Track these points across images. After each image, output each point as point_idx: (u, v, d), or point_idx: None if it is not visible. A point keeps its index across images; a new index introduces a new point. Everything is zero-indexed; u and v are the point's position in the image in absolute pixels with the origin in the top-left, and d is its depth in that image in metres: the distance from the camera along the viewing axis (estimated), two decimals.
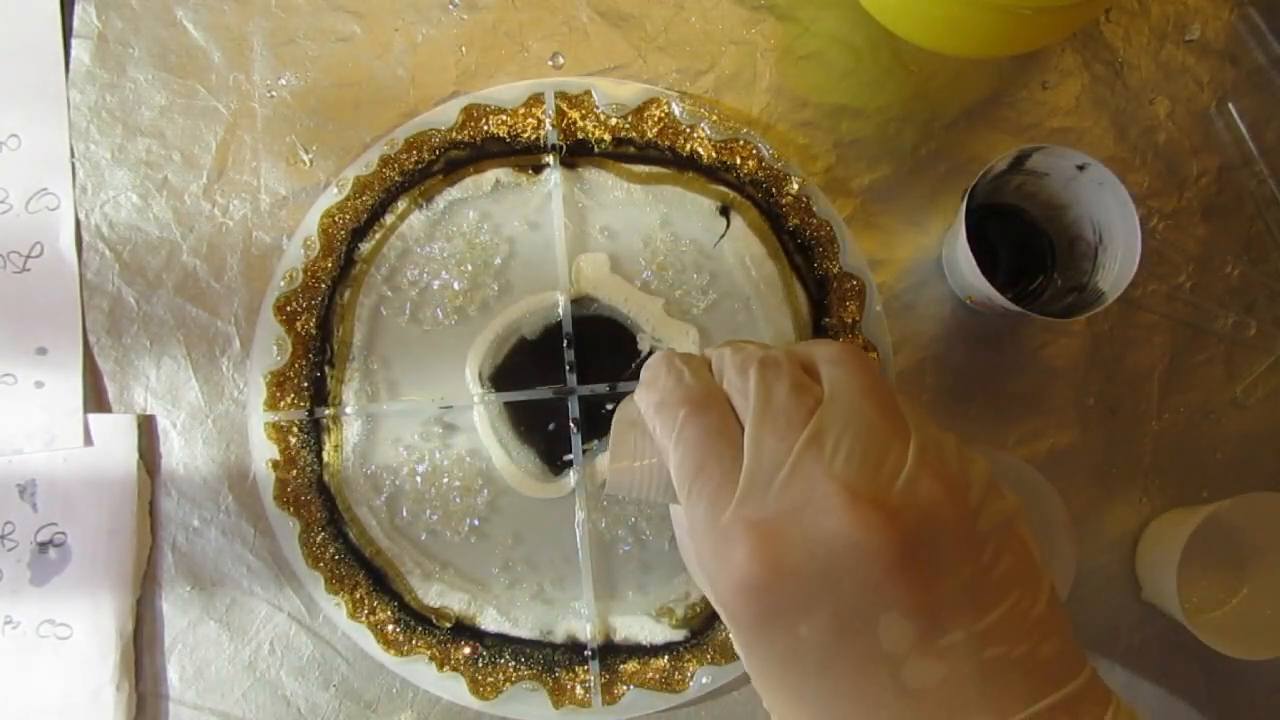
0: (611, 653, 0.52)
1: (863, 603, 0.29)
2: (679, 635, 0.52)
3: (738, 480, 0.31)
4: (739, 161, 0.53)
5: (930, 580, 0.29)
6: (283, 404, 0.52)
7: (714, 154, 0.53)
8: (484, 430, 0.52)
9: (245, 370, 0.53)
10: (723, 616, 0.32)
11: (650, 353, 0.53)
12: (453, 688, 0.51)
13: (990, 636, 0.29)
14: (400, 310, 0.53)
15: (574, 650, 0.52)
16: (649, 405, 0.35)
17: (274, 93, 0.54)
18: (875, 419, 0.31)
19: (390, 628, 0.51)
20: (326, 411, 0.52)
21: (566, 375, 0.52)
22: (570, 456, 0.52)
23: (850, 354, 0.34)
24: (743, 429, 0.32)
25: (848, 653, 0.29)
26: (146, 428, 0.53)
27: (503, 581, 0.53)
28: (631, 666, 0.52)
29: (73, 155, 0.53)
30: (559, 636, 0.52)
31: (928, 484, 0.30)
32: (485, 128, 0.53)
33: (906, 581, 0.29)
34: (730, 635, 0.32)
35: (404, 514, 0.53)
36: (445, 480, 0.52)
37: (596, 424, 0.53)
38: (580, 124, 0.53)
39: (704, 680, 0.51)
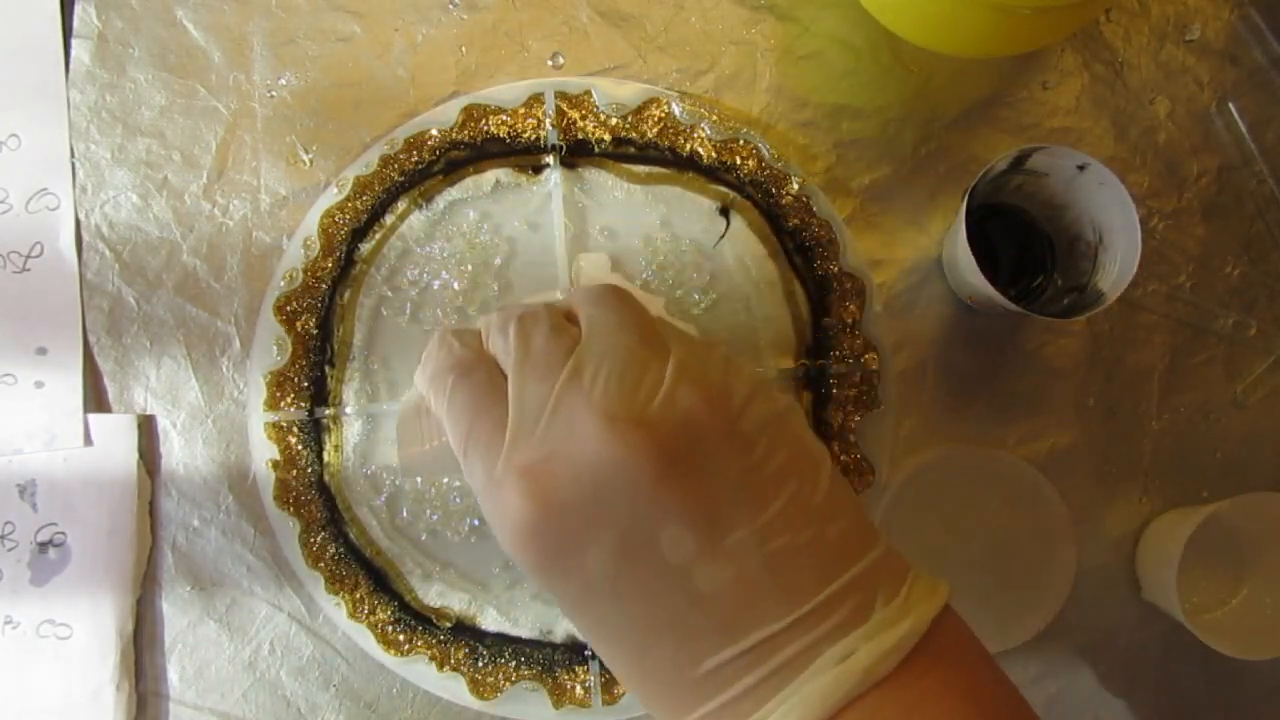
0: None
1: (639, 520, 0.30)
2: None
3: (504, 435, 0.32)
4: (739, 161, 0.53)
5: (700, 484, 0.30)
6: (283, 404, 0.52)
7: (714, 154, 0.53)
8: None
9: (245, 370, 0.53)
10: (518, 565, 0.32)
11: None
12: (453, 688, 0.51)
13: (772, 529, 0.30)
14: (400, 310, 0.53)
15: (574, 650, 0.52)
16: (424, 380, 0.36)
17: (274, 93, 0.54)
18: (632, 346, 0.32)
19: (390, 628, 0.51)
20: (327, 411, 0.52)
21: None
22: None
23: (606, 291, 0.35)
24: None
25: (636, 572, 0.30)
26: (146, 428, 0.53)
27: (503, 581, 0.53)
28: None
29: (73, 155, 0.53)
30: (559, 636, 0.52)
31: (685, 395, 0.31)
32: (485, 128, 0.53)
33: (676, 489, 0.30)
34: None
35: (404, 514, 0.53)
36: (445, 480, 0.52)
37: None
38: (580, 124, 0.53)
39: None
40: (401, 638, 0.51)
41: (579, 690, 0.52)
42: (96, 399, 0.53)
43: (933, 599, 0.30)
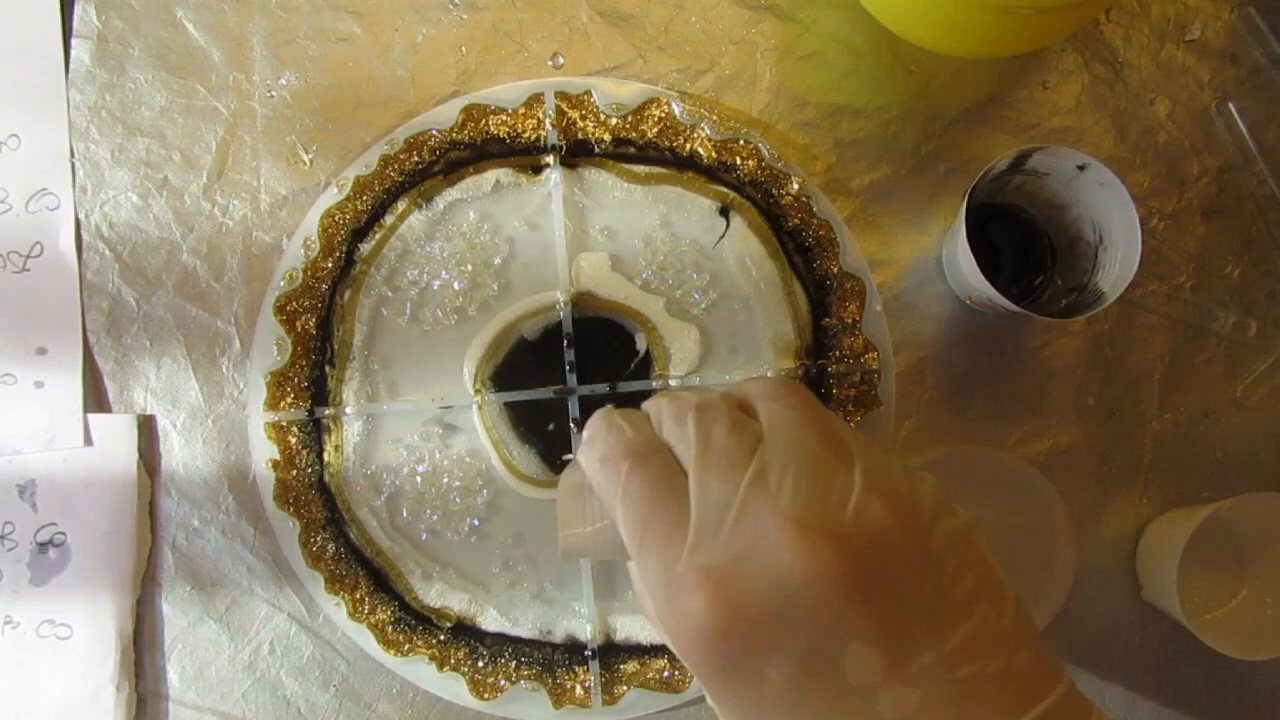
0: (611, 653, 0.52)
1: (825, 637, 0.28)
2: None
3: (686, 529, 0.30)
4: (739, 161, 0.53)
5: (890, 605, 0.29)
6: (283, 404, 0.52)
7: (714, 154, 0.53)
8: (484, 430, 0.52)
9: (245, 370, 0.53)
10: (688, 668, 0.31)
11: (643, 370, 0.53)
12: (453, 688, 0.51)
13: (960, 656, 0.29)
14: (400, 310, 0.53)
15: (574, 650, 0.52)
16: (592, 463, 0.34)
17: (274, 93, 0.54)
18: (816, 448, 0.31)
19: (390, 628, 0.51)
20: (326, 411, 0.52)
21: (566, 375, 0.52)
22: (570, 456, 0.52)
23: (784, 387, 0.33)
24: (687, 477, 0.32)
25: (817, 691, 0.29)
26: (146, 428, 0.53)
27: (503, 581, 0.53)
28: (631, 667, 0.52)
29: (73, 155, 0.53)
30: (559, 636, 0.52)
31: (876, 508, 0.30)
32: (485, 128, 0.53)
33: (866, 609, 0.28)
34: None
35: (404, 514, 0.53)
36: (445, 480, 0.52)
37: None
38: (580, 124, 0.53)
39: None
40: (401, 638, 0.51)
41: (579, 690, 0.52)
42: (96, 399, 0.53)
43: None
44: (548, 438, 0.53)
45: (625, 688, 0.51)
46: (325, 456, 0.52)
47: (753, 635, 0.29)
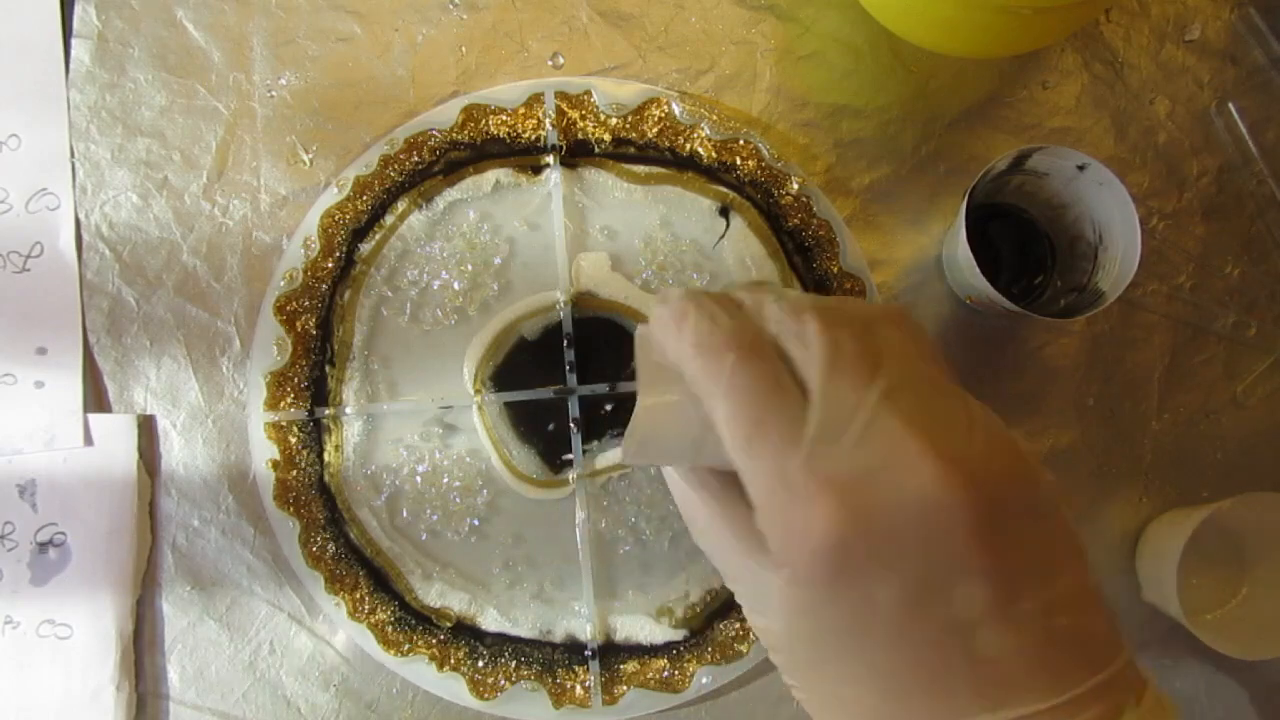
0: (611, 653, 0.52)
1: (942, 565, 0.28)
2: (679, 635, 0.52)
3: (800, 434, 0.29)
4: (739, 161, 0.53)
5: (1006, 544, 0.29)
6: (283, 404, 0.52)
7: (714, 154, 0.53)
8: (484, 430, 0.52)
9: (245, 370, 0.53)
10: (778, 583, 0.30)
11: None
12: (453, 688, 0.51)
13: (1056, 606, 0.29)
14: (400, 310, 0.53)
15: (574, 650, 0.52)
16: (683, 347, 0.32)
17: (274, 93, 0.54)
18: (939, 380, 0.31)
19: (390, 628, 0.51)
20: (326, 411, 0.52)
21: (566, 375, 0.52)
22: (570, 456, 0.52)
23: (904, 315, 0.33)
24: (794, 378, 0.30)
25: (921, 617, 0.28)
26: (146, 428, 0.53)
27: (503, 581, 0.53)
28: (631, 667, 0.52)
29: (73, 155, 0.53)
30: (559, 636, 0.52)
31: (1001, 447, 0.29)
32: (485, 128, 0.53)
33: (986, 543, 0.28)
34: (781, 602, 0.30)
35: (404, 514, 0.53)
36: (445, 480, 0.52)
37: (596, 424, 0.53)
38: (580, 124, 0.53)
39: (704, 680, 0.51)
40: (401, 638, 0.51)
41: (579, 690, 0.52)
42: (96, 399, 0.53)
43: (1168, 716, 0.30)
44: (548, 438, 0.53)
45: (625, 688, 0.51)
46: (325, 456, 0.52)
47: (872, 551, 0.28)
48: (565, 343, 0.52)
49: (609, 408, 0.53)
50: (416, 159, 0.53)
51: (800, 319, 0.31)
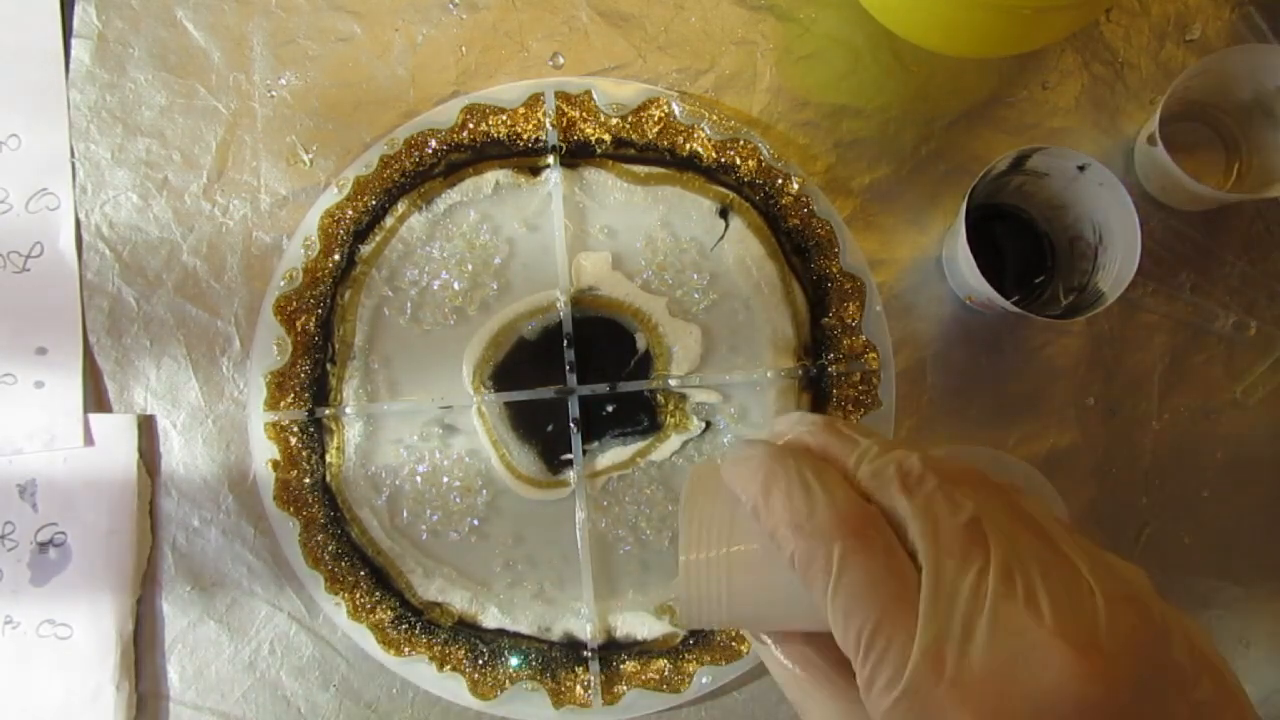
0: (612, 652, 0.52)
1: None
2: (679, 635, 0.52)
3: (915, 626, 0.26)
4: (739, 162, 0.53)
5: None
6: (283, 404, 0.52)
7: (714, 154, 0.53)
8: (484, 430, 0.52)
9: (245, 370, 0.53)
10: None
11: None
12: (453, 688, 0.51)
13: None
14: (401, 310, 0.53)
15: (574, 650, 0.52)
16: (778, 525, 0.28)
17: (274, 93, 0.54)
18: (1041, 549, 0.28)
19: (390, 628, 0.51)
20: (327, 411, 0.52)
21: (566, 375, 0.52)
22: (570, 456, 0.52)
23: (981, 477, 0.30)
24: (906, 554, 0.28)
25: None
26: (146, 428, 0.53)
27: (504, 581, 0.53)
28: (631, 666, 0.52)
29: (73, 155, 0.53)
30: (559, 636, 0.52)
31: (1125, 615, 0.27)
32: (485, 128, 0.53)
33: None
34: None
35: (404, 514, 0.53)
36: (445, 480, 0.52)
37: (596, 424, 0.53)
38: (580, 124, 0.53)
39: (704, 680, 0.51)
40: (401, 638, 0.51)
41: (579, 690, 0.52)
42: (96, 399, 0.53)
43: None
44: (547, 438, 0.53)
45: (625, 687, 0.51)
46: (326, 457, 0.52)
47: None
48: (565, 343, 0.52)
49: (609, 408, 0.53)
50: (416, 160, 0.52)
51: (897, 487, 0.28)
